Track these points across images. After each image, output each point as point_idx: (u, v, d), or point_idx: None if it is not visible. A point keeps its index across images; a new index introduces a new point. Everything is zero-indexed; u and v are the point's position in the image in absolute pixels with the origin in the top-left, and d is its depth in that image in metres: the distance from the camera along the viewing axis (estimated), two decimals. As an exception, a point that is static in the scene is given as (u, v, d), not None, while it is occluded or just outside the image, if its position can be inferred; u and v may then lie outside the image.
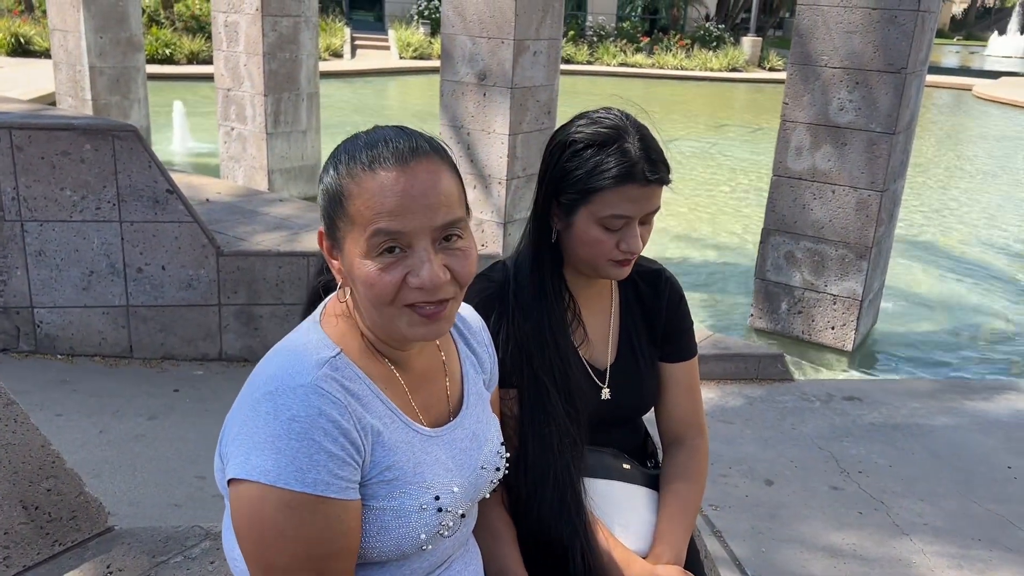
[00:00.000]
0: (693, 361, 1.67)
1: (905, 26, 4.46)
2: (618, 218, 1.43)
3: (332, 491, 1.04)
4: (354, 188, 1.08)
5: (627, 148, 1.41)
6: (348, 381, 1.11)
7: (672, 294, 1.66)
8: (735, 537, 2.95)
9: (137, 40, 8.33)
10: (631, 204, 1.42)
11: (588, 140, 1.43)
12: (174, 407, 3.66)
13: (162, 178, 3.85)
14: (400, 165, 1.08)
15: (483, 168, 5.82)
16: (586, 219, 1.44)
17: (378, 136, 1.12)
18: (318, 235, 1.16)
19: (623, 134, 1.43)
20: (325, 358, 1.11)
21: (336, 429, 1.05)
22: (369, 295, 1.08)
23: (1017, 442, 3.78)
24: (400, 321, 1.10)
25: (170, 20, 19.65)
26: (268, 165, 7.32)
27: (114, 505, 2.74)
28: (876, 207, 4.73)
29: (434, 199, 1.08)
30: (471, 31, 5.57)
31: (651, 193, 1.43)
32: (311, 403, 1.05)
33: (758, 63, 24.45)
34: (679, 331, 1.66)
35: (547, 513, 1.43)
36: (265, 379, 1.09)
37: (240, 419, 1.07)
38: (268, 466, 1.02)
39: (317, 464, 1.03)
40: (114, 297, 3.95)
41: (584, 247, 1.46)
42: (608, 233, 1.44)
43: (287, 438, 1.02)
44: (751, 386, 4.26)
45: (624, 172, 1.40)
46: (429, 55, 21.68)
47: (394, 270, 1.07)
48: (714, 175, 10.66)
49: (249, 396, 1.08)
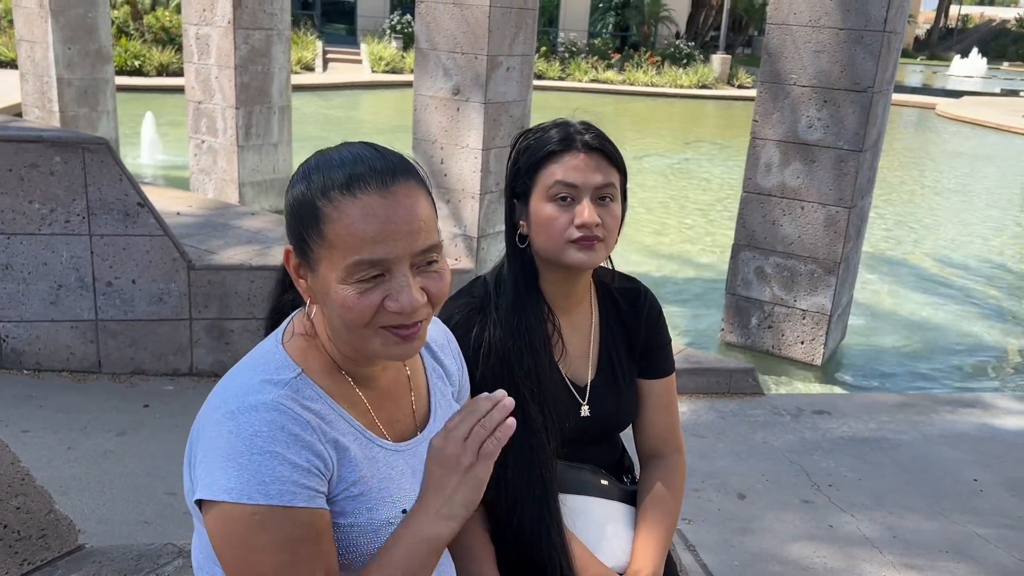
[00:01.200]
0: (671, 378, 1.69)
1: (872, 46, 4.55)
2: (563, 185, 1.44)
3: (299, 500, 1.04)
4: (332, 212, 1.06)
5: (567, 126, 1.50)
6: (309, 401, 1.10)
7: (651, 311, 1.68)
8: (708, 551, 2.97)
9: (106, 52, 8.25)
10: (574, 172, 1.45)
11: (534, 128, 1.52)
12: (144, 423, 3.61)
13: (133, 191, 3.81)
14: (381, 190, 1.07)
15: (456, 183, 5.83)
16: (538, 199, 1.48)
17: (352, 156, 1.11)
18: (285, 253, 1.14)
19: (567, 121, 1.52)
20: (286, 379, 1.10)
21: (298, 443, 1.05)
22: (346, 318, 1.08)
23: (983, 455, 3.85)
24: (374, 342, 1.10)
25: (140, 32, 19.49)
26: (239, 178, 7.26)
27: (83, 523, 2.69)
28: (844, 223, 4.80)
29: (415, 224, 1.08)
30: (444, 46, 5.59)
31: (596, 164, 1.46)
32: (273, 420, 1.05)
33: (727, 80, 24.78)
34: (658, 347, 1.67)
35: (526, 529, 1.43)
36: (226, 398, 1.08)
37: (203, 440, 1.07)
38: (231, 484, 1.01)
39: (280, 476, 1.03)
40: (83, 311, 3.90)
41: (541, 231, 1.47)
42: (560, 209, 1.45)
43: (248, 454, 1.02)
44: (723, 400, 4.30)
45: (563, 139, 1.46)
46: (401, 69, 21.70)
47: (372, 294, 1.07)
48: (684, 191, 10.76)
49: (211, 416, 1.08)
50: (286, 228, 1.14)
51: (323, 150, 1.16)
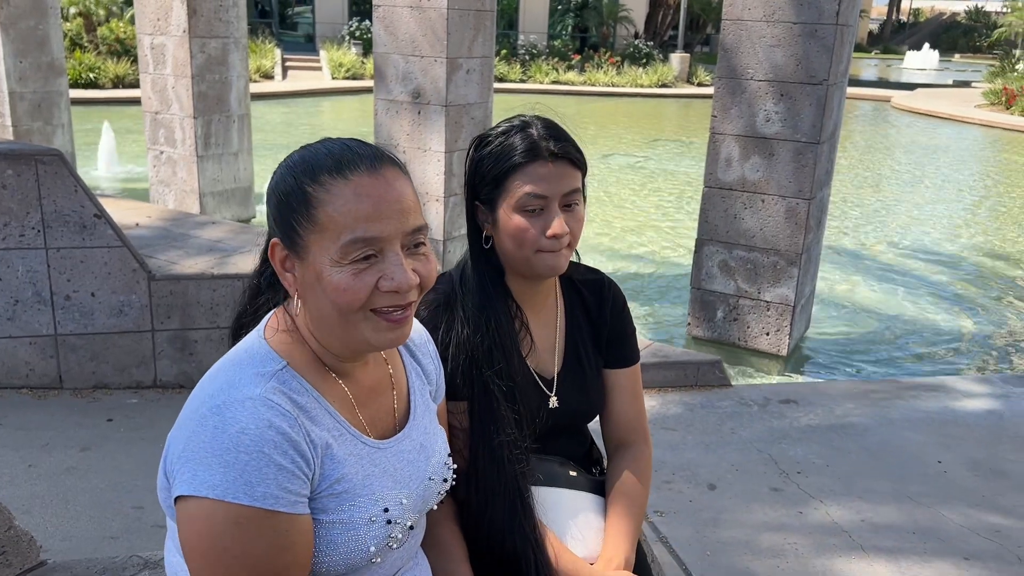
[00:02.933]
0: (636, 367, 1.70)
1: (825, 40, 4.62)
2: (533, 198, 1.44)
3: (281, 505, 1.03)
4: (324, 195, 1.08)
5: (530, 132, 1.47)
6: (296, 394, 1.10)
7: (615, 301, 1.69)
8: (680, 542, 2.99)
9: (59, 64, 8.11)
10: (543, 182, 1.44)
11: (496, 132, 1.49)
12: (108, 437, 3.54)
13: (89, 203, 3.75)
14: (371, 171, 1.09)
15: (420, 186, 5.82)
16: (506, 209, 1.47)
17: (337, 145, 1.13)
18: (270, 247, 1.13)
19: (527, 124, 1.49)
20: (272, 371, 1.10)
21: (286, 442, 1.04)
22: (340, 301, 1.08)
23: (947, 437, 3.91)
24: (365, 328, 1.11)
25: (93, 44, 19.19)
26: (199, 188, 7.18)
27: (46, 540, 2.64)
28: (804, 215, 4.87)
29: (405, 204, 1.11)
30: (403, 50, 5.58)
31: (562, 172, 1.46)
32: (260, 415, 1.04)
33: (687, 79, 25.01)
34: (623, 337, 1.68)
35: (498, 524, 1.43)
36: (211, 393, 1.07)
37: (186, 435, 1.05)
38: (216, 481, 1.00)
39: (266, 478, 1.02)
40: (41, 326, 3.82)
41: (510, 240, 1.48)
42: (530, 219, 1.45)
43: (236, 452, 1.01)
44: (691, 393, 4.33)
45: (528, 148, 1.44)
46: (362, 75, 21.61)
47: (367, 275, 1.08)
48: (648, 189, 10.84)
49: (195, 411, 1.07)
50: (271, 221, 1.14)
51: (304, 145, 1.17)
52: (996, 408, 4.29)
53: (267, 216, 1.17)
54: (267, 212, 1.17)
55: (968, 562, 2.94)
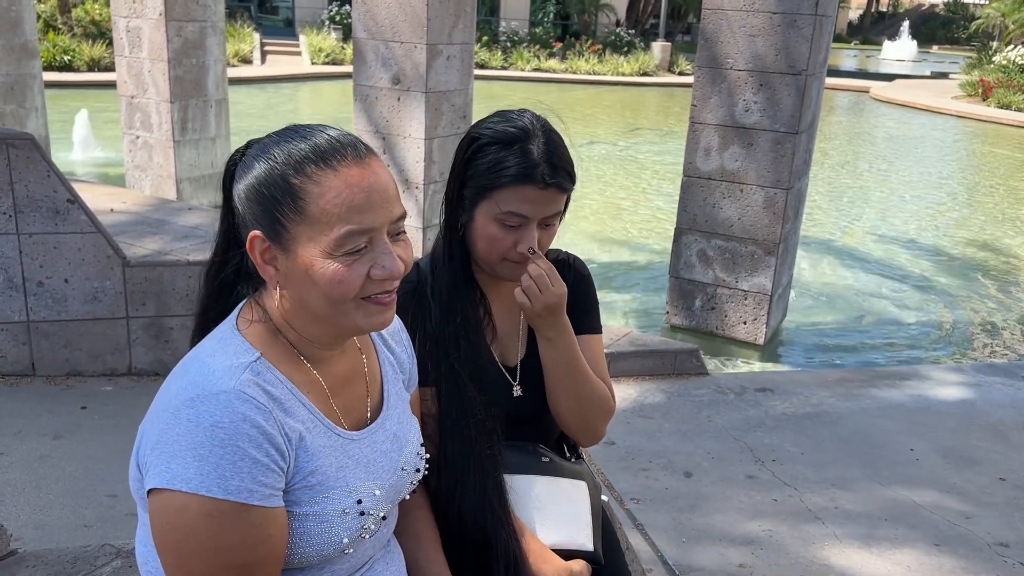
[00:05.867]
0: (597, 337, 1.67)
1: (804, 30, 4.64)
2: (515, 216, 1.44)
3: (255, 499, 1.02)
4: (313, 188, 1.06)
5: (530, 149, 1.43)
6: (270, 386, 1.09)
7: (577, 274, 1.67)
8: (657, 529, 3.01)
9: (32, 46, 7.97)
10: (528, 205, 1.43)
11: (494, 137, 1.45)
12: (81, 425, 3.51)
13: (62, 188, 3.70)
14: (359, 161, 1.09)
15: (400, 173, 5.79)
16: (484, 215, 1.46)
17: (317, 134, 1.11)
18: (249, 240, 1.10)
19: (529, 136, 1.44)
20: (245, 363, 1.09)
21: (261, 435, 1.04)
22: (335, 292, 1.08)
23: (919, 425, 3.96)
24: (357, 315, 1.11)
25: (68, 26, 18.88)
26: (176, 174, 7.09)
27: (19, 529, 2.62)
28: (782, 204, 4.89)
29: (391, 192, 1.11)
30: (383, 35, 5.53)
31: (550, 197, 1.45)
32: (234, 408, 1.03)
33: (668, 67, 25.01)
34: (582, 307, 1.65)
35: (469, 506, 1.43)
36: (184, 385, 1.06)
37: (159, 427, 1.04)
38: (190, 474, 1.00)
39: (241, 471, 1.01)
40: (13, 313, 3.77)
41: (481, 243, 1.47)
42: (505, 232, 1.45)
43: (210, 445, 1.00)
44: (668, 381, 4.35)
45: (522, 172, 1.42)
46: (342, 60, 21.42)
47: (359, 265, 1.08)
48: (628, 177, 10.85)
49: (167, 403, 1.06)
50: (245, 213, 1.11)
51: (274, 132, 1.15)
52: (968, 396, 4.35)
53: (238, 208, 1.13)
54: (238, 204, 1.13)
55: (939, 548, 2.98)
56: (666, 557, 2.86)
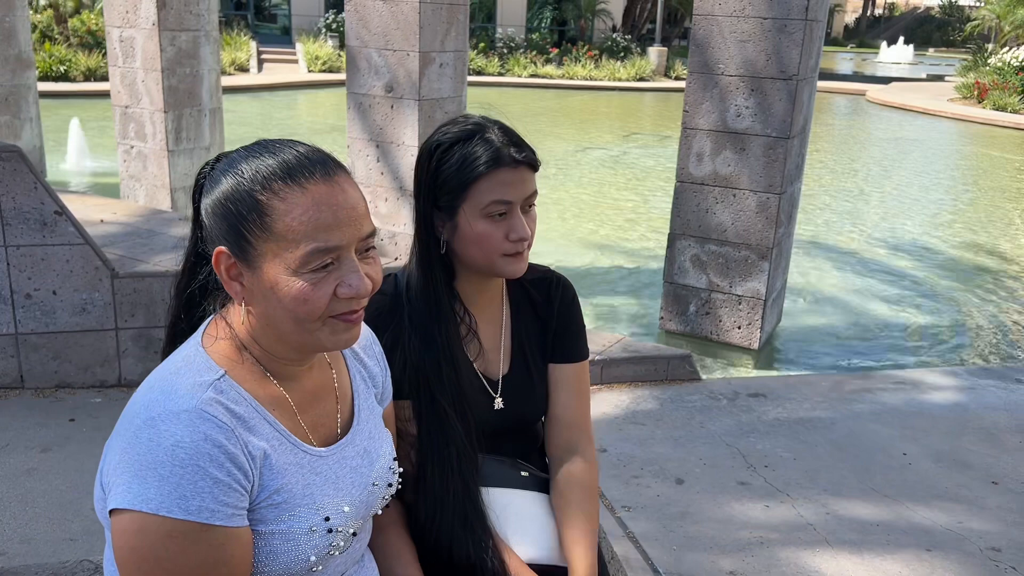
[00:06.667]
0: (584, 364, 1.67)
1: (795, 35, 4.63)
2: (499, 203, 1.44)
3: (217, 519, 1.01)
4: (279, 204, 1.05)
5: (490, 138, 1.45)
6: (233, 404, 1.08)
7: (564, 296, 1.67)
8: (648, 537, 2.99)
9: (27, 57, 7.98)
10: (508, 188, 1.44)
11: (452, 139, 1.47)
12: (70, 437, 3.50)
13: (49, 199, 3.69)
14: (326, 178, 1.08)
15: (394, 180, 5.78)
16: (469, 216, 1.45)
17: (285, 150, 1.10)
18: (215, 255, 1.10)
19: (484, 128, 1.47)
20: (208, 381, 1.08)
21: (222, 454, 1.03)
22: (300, 311, 1.07)
23: (912, 430, 3.95)
24: (322, 333, 1.10)
25: (64, 36, 18.92)
26: (171, 183, 7.09)
27: (3, 544, 2.61)
28: (775, 209, 4.89)
29: (360, 210, 1.10)
30: (376, 43, 5.53)
31: (524, 176, 1.46)
32: (195, 428, 1.02)
33: (664, 72, 25.06)
34: (570, 332, 1.66)
35: (449, 532, 1.42)
36: (145, 405, 1.05)
37: (120, 447, 1.03)
38: (150, 495, 0.99)
39: (201, 491, 1.00)
40: (1, 325, 3.76)
41: (473, 246, 1.46)
42: (494, 224, 1.45)
43: (170, 465, 0.99)
44: (661, 387, 4.34)
45: (492, 157, 1.43)
46: (338, 68, 21.47)
47: (326, 284, 1.07)
48: (625, 182, 10.85)
49: (129, 423, 1.05)
50: (211, 228, 1.11)
51: (242, 147, 1.14)
52: (961, 400, 4.33)
53: (205, 222, 1.13)
54: (205, 218, 1.12)
55: (931, 553, 2.97)
56: (656, 565, 2.84)
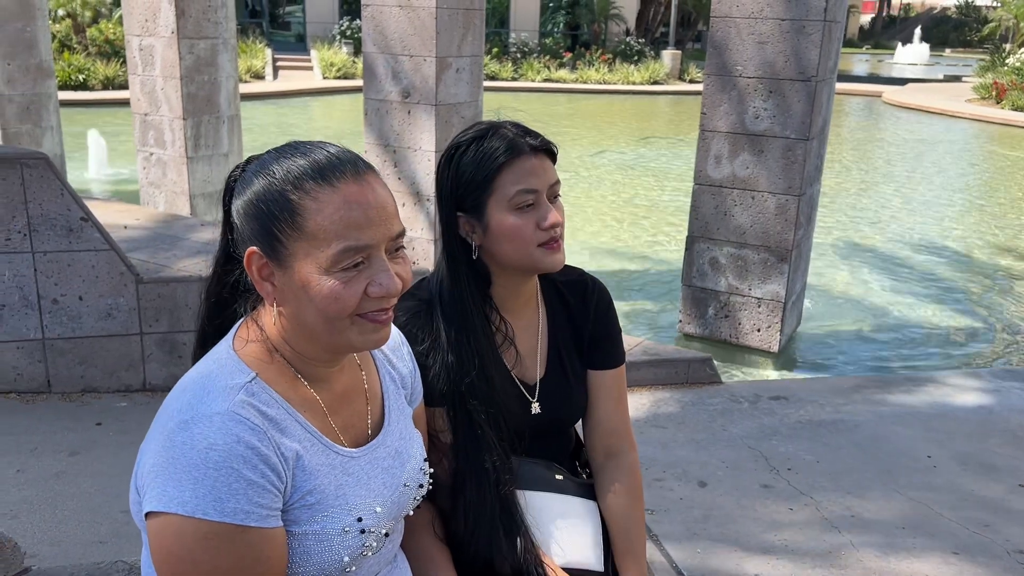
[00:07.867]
0: (621, 369, 1.66)
1: (813, 36, 4.62)
2: (525, 192, 1.44)
3: (252, 520, 1.02)
4: (311, 203, 1.07)
5: (504, 132, 1.47)
6: (265, 406, 1.09)
7: (600, 301, 1.65)
8: (671, 540, 2.99)
9: (47, 66, 8.07)
10: (531, 176, 1.45)
11: (468, 140, 1.48)
12: (97, 441, 3.53)
13: (75, 206, 3.73)
14: (356, 178, 1.09)
15: (412, 186, 5.81)
16: (497, 211, 1.45)
17: (316, 150, 1.12)
18: (247, 256, 1.11)
19: (497, 125, 1.50)
20: (240, 384, 1.09)
21: (256, 456, 1.04)
22: (331, 309, 1.08)
23: (936, 432, 3.92)
24: (351, 332, 1.11)
25: (83, 45, 19.12)
26: (190, 190, 7.15)
27: (34, 546, 2.64)
28: (794, 211, 4.87)
29: (390, 209, 1.11)
30: (393, 49, 5.56)
31: (543, 164, 1.47)
32: (228, 431, 1.03)
33: (678, 76, 25.00)
34: (607, 338, 1.65)
35: (487, 546, 1.43)
36: (179, 408, 1.06)
37: (155, 450, 1.04)
38: (186, 497, 1.00)
39: (236, 493, 1.01)
40: (29, 330, 3.81)
41: (507, 242, 1.46)
42: (524, 216, 1.45)
43: (204, 467, 1.01)
44: (682, 390, 4.33)
45: (509, 146, 1.45)
46: (353, 74, 21.56)
47: (357, 282, 1.08)
48: (641, 186, 10.84)
49: (163, 426, 1.06)
50: (243, 229, 1.12)
51: (273, 148, 1.16)
52: (986, 403, 4.30)
53: (236, 224, 1.14)
54: (237, 220, 1.14)
55: (957, 556, 2.95)
56: (681, 568, 2.84)
